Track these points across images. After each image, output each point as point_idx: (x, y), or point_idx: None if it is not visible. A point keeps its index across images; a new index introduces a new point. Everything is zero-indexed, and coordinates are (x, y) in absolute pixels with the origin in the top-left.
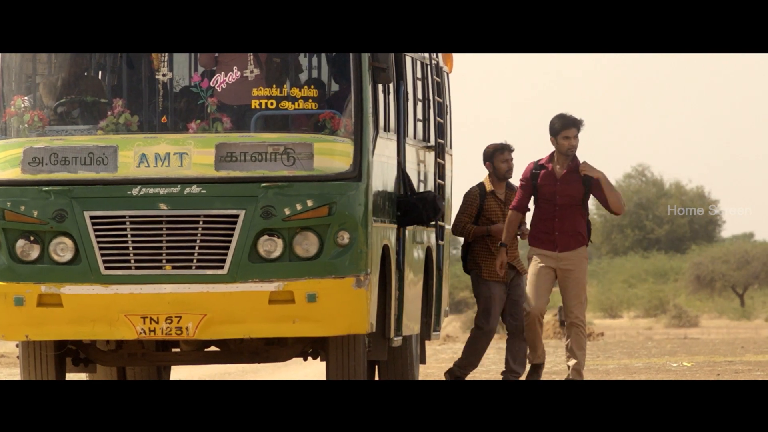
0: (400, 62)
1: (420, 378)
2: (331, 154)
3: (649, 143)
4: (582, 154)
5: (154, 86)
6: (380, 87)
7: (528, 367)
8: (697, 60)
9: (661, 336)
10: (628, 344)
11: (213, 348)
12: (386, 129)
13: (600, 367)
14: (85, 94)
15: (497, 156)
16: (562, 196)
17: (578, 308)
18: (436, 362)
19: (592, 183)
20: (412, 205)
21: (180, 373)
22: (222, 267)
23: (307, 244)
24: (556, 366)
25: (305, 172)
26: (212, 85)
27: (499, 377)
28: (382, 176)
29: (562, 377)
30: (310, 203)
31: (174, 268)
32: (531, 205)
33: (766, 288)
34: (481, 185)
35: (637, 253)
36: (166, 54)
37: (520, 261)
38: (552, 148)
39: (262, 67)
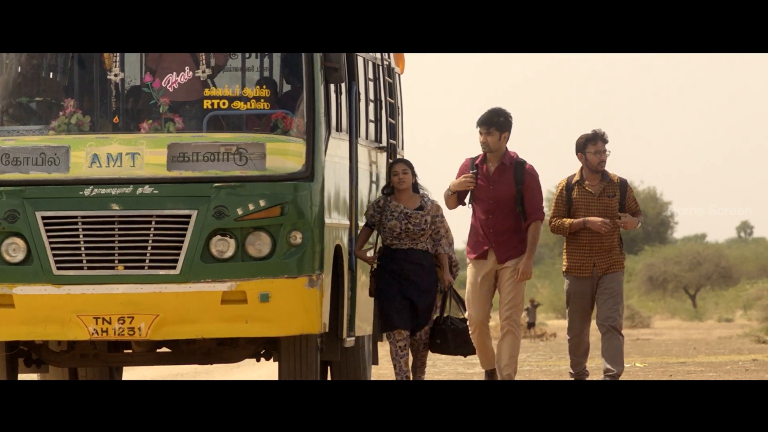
0: (352, 63)
1: (372, 377)
2: (284, 154)
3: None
4: (537, 158)
5: (106, 86)
6: (332, 87)
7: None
8: (649, 63)
9: None
10: None
11: (165, 349)
12: (338, 129)
13: (553, 368)
14: (36, 94)
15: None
16: (492, 198)
17: (514, 310)
18: (387, 362)
19: (524, 185)
20: (443, 334)
21: (132, 374)
22: (174, 267)
23: (259, 244)
24: (525, 365)
25: (258, 172)
26: (164, 86)
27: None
28: (335, 176)
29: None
30: (262, 203)
31: (126, 268)
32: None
33: (718, 289)
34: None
35: None
36: (118, 54)
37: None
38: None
39: (215, 67)
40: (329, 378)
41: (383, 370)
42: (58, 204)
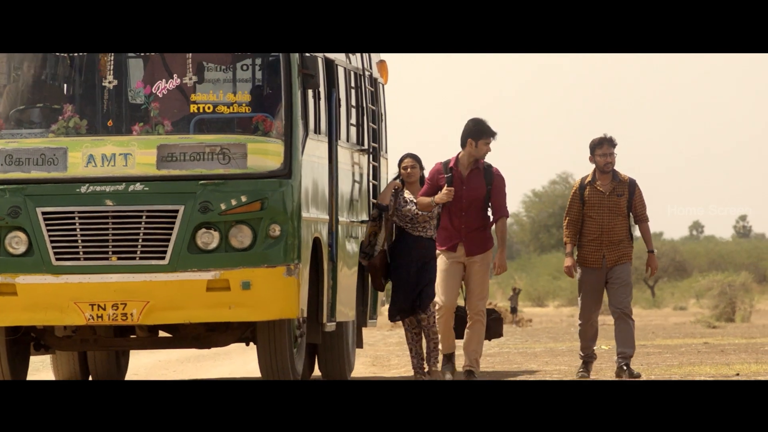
0: (332, 71)
1: (356, 359)
2: (264, 154)
3: (571, 153)
4: (511, 164)
5: (102, 93)
6: (310, 93)
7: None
8: (613, 71)
9: None
10: (553, 330)
11: (163, 334)
12: (317, 132)
13: (528, 350)
14: (38, 101)
15: (595, 151)
16: (466, 198)
17: (481, 301)
18: (385, 345)
19: (492, 186)
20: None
21: (137, 357)
22: (163, 258)
23: (241, 236)
24: (505, 347)
25: (239, 170)
26: (154, 92)
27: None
28: (313, 174)
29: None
30: (244, 199)
31: (119, 259)
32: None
33: (674, 281)
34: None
35: (561, 250)
36: (112, 62)
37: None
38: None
39: (200, 74)
40: (316, 359)
41: (369, 351)
42: (57, 200)
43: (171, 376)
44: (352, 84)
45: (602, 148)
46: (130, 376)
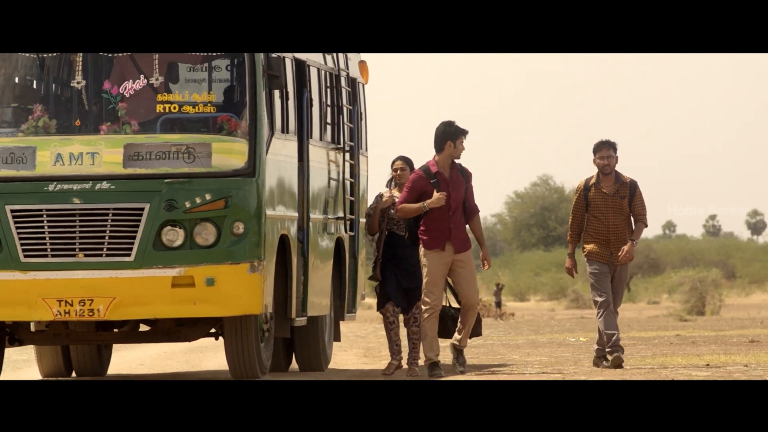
0: (303, 71)
1: (334, 353)
2: (228, 153)
3: (552, 156)
4: (494, 166)
5: (70, 93)
6: (277, 93)
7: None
8: (595, 76)
9: (562, 316)
10: (534, 323)
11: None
12: (285, 131)
13: (511, 342)
14: (10, 101)
15: (595, 153)
16: (453, 198)
17: (474, 290)
18: (376, 338)
19: (468, 184)
20: (443, 321)
21: (120, 352)
22: (129, 255)
23: (206, 234)
24: (489, 339)
25: (204, 169)
26: (121, 92)
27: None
28: (279, 173)
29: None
30: (208, 197)
31: (86, 255)
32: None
33: (648, 277)
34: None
35: (542, 248)
36: (81, 63)
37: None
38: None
39: (167, 74)
40: (293, 353)
41: (361, 342)
42: (25, 199)
43: (176, 367)
44: (327, 84)
45: (600, 151)
46: (134, 368)
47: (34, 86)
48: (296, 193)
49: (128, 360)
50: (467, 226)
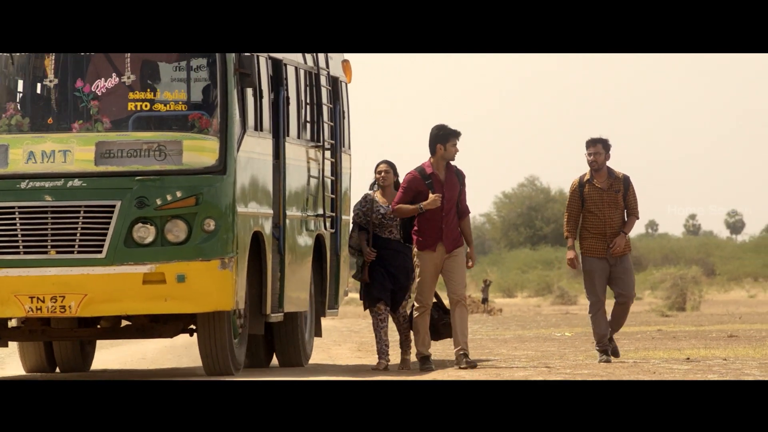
0: (279, 70)
1: (314, 348)
2: (199, 151)
3: (538, 158)
4: (483, 168)
5: (43, 91)
6: (250, 91)
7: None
8: (577, 81)
9: (548, 312)
10: (521, 318)
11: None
12: (258, 128)
13: (499, 337)
14: None
15: (587, 149)
16: (447, 199)
17: (463, 287)
18: (369, 333)
19: (462, 186)
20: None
21: (103, 349)
22: (101, 251)
23: (177, 231)
24: (478, 334)
25: (175, 166)
26: (94, 90)
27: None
28: (252, 170)
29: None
30: (179, 194)
31: (58, 252)
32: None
33: None
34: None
35: (529, 246)
36: (53, 62)
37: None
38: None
39: (139, 72)
40: (275, 349)
41: (354, 337)
42: None
43: (178, 362)
44: (307, 82)
45: (589, 147)
46: (136, 362)
47: (7, 85)
48: (271, 190)
49: (130, 354)
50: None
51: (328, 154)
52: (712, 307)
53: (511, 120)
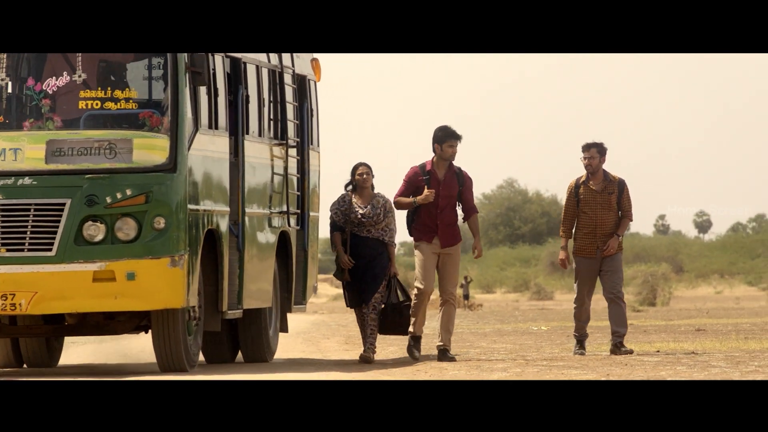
0: (238, 69)
1: (331, 339)
2: (150, 149)
3: (517, 161)
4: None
5: None
6: (203, 89)
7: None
8: (552, 88)
9: (526, 307)
10: (500, 313)
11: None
12: (213, 126)
13: (479, 330)
14: None
15: (582, 153)
16: (443, 197)
17: (453, 286)
18: (355, 326)
19: (464, 187)
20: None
21: (70, 348)
22: (51, 249)
23: (127, 229)
24: (459, 328)
25: (125, 164)
26: (45, 88)
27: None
28: (205, 168)
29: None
30: (129, 192)
31: (8, 250)
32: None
33: None
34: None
35: (508, 245)
36: (4, 60)
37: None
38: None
39: (90, 70)
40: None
41: (342, 331)
42: None
43: None
44: (270, 81)
45: (584, 152)
46: (135, 355)
47: None
48: (227, 187)
49: (130, 348)
50: (466, 223)
51: (293, 151)
52: (681, 303)
53: (491, 125)
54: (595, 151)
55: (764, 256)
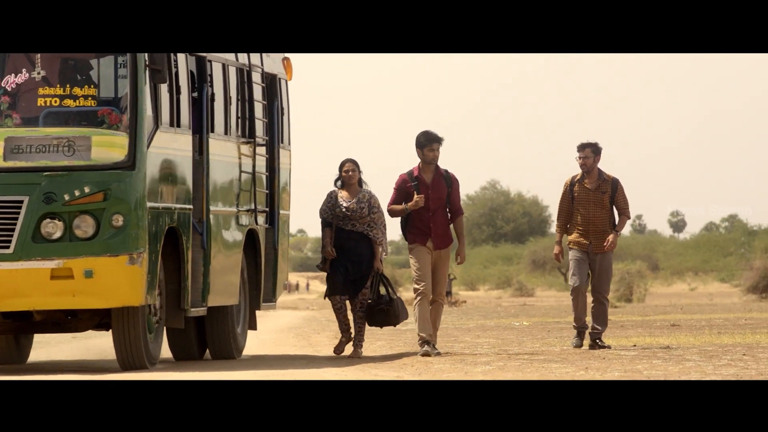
0: (204, 68)
1: (321, 334)
2: (108, 146)
3: (499, 163)
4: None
5: None
6: (164, 87)
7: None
8: (533, 91)
9: (508, 303)
10: (484, 309)
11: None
12: (175, 124)
13: (463, 326)
14: None
15: (578, 153)
16: (433, 199)
17: (444, 287)
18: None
19: (451, 189)
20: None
21: (39, 346)
22: (8, 247)
23: (85, 226)
24: (444, 324)
25: (84, 162)
26: (4, 86)
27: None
28: (165, 166)
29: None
30: (87, 190)
31: None
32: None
33: None
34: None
35: (490, 244)
36: None
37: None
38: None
39: (49, 68)
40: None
41: (333, 326)
42: None
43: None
44: (237, 80)
45: (579, 152)
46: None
47: None
48: (190, 185)
49: (100, 345)
50: (451, 225)
51: (261, 150)
52: (657, 299)
53: (474, 128)
54: (589, 151)
55: (736, 254)
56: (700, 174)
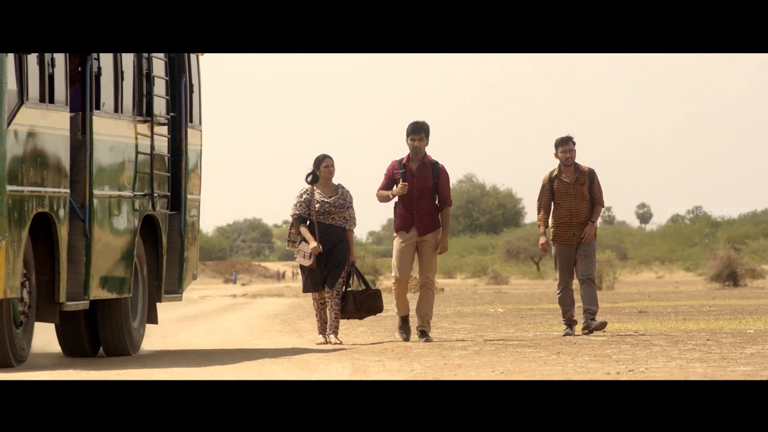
0: None
1: (303, 328)
2: None
3: (475, 157)
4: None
5: None
6: (34, 59)
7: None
8: (509, 85)
9: (483, 291)
10: (460, 296)
11: None
12: (47, 100)
13: (441, 312)
14: None
15: (558, 148)
16: (417, 188)
17: (431, 272)
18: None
19: (439, 179)
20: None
21: None
22: None
23: None
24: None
25: None
26: None
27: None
28: (32, 145)
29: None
30: None
31: None
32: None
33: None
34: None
35: (467, 234)
36: None
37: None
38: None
39: None
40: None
41: (304, 316)
42: None
43: (155, 344)
44: (134, 54)
45: (562, 145)
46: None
47: None
48: (67, 167)
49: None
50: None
51: (162, 129)
52: (625, 287)
53: (452, 123)
54: (572, 144)
55: (701, 245)
56: (668, 168)
